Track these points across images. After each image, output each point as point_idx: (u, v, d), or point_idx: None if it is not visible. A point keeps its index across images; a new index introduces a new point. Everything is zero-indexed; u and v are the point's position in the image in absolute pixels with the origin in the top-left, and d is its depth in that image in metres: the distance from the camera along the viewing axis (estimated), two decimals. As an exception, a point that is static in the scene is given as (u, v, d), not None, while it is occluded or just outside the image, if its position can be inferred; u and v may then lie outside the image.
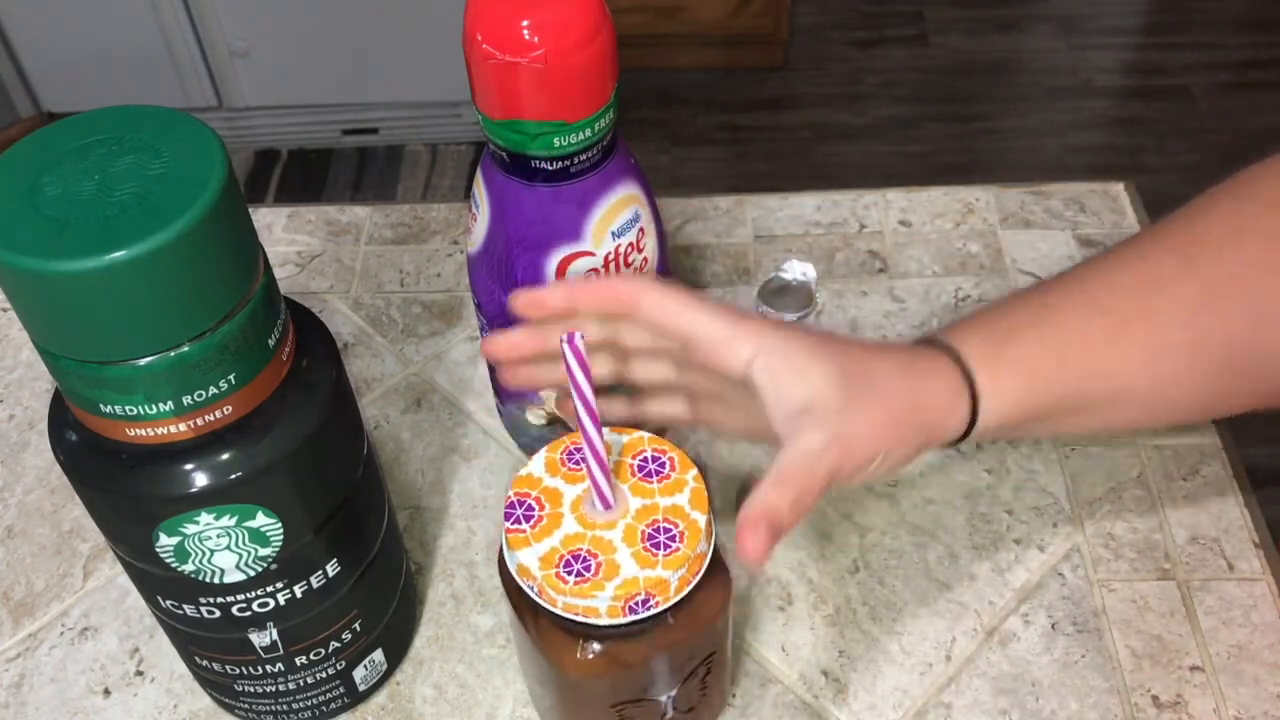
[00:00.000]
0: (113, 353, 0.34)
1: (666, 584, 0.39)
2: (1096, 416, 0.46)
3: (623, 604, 0.39)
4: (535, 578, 0.39)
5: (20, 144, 0.35)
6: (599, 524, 0.40)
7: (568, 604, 0.39)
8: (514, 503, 0.41)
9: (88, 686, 0.52)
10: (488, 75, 0.43)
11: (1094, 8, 2.27)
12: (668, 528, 0.40)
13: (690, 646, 0.42)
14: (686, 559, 0.39)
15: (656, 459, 0.42)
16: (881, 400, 0.42)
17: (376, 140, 2.00)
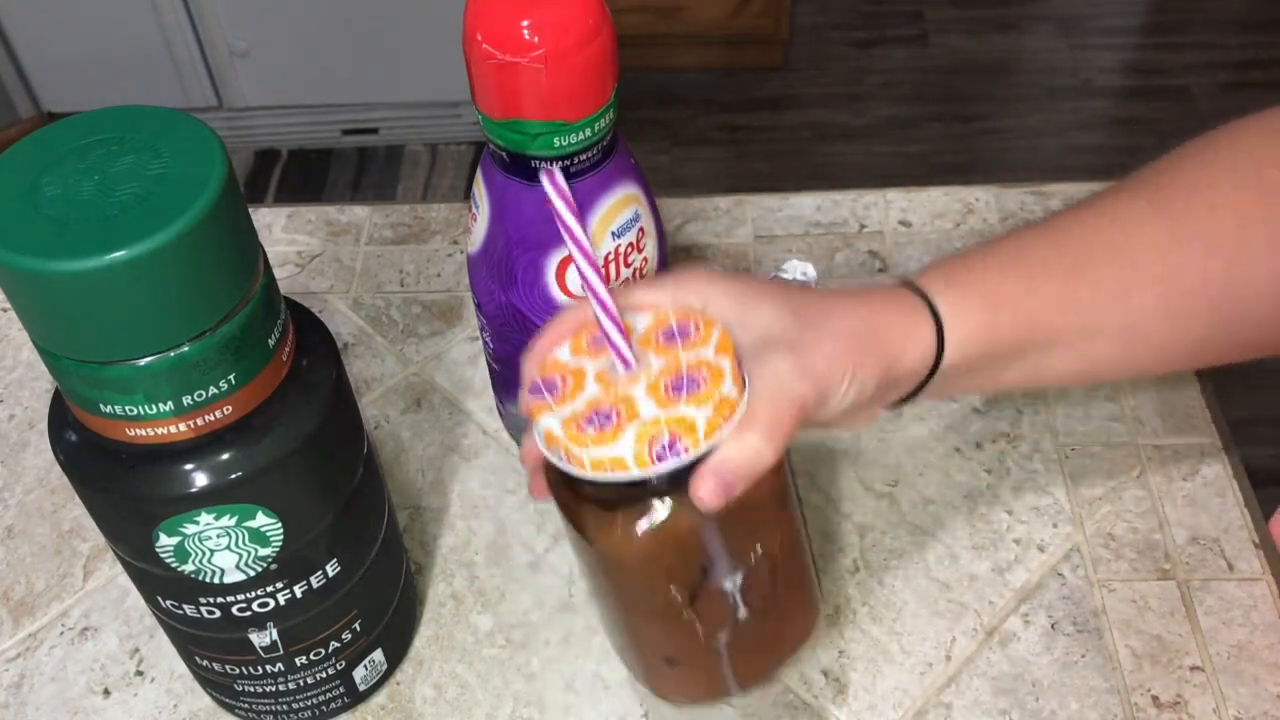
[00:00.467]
0: (113, 353, 0.34)
1: (692, 424, 0.36)
2: (1071, 355, 0.45)
3: (648, 449, 0.36)
4: (559, 440, 0.37)
5: (20, 144, 0.35)
6: (621, 384, 0.38)
7: (594, 460, 0.36)
8: (537, 384, 0.39)
9: (88, 686, 0.52)
10: (488, 75, 0.43)
11: (1094, 8, 2.27)
12: (691, 376, 0.38)
13: (742, 517, 0.39)
14: (711, 398, 0.37)
15: (681, 326, 0.40)
16: (838, 325, 0.41)
17: (376, 140, 2.00)
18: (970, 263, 0.44)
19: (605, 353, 0.39)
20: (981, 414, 0.60)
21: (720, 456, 0.37)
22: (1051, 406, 0.60)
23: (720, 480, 0.37)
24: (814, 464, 0.58)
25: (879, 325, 0.41)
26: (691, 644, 0.41)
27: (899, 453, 0.58)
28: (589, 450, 0.37)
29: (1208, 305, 0.44)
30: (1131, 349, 0.45)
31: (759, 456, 0.37)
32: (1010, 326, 0.43)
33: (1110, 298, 0.44)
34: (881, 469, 0.58)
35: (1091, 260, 0.44)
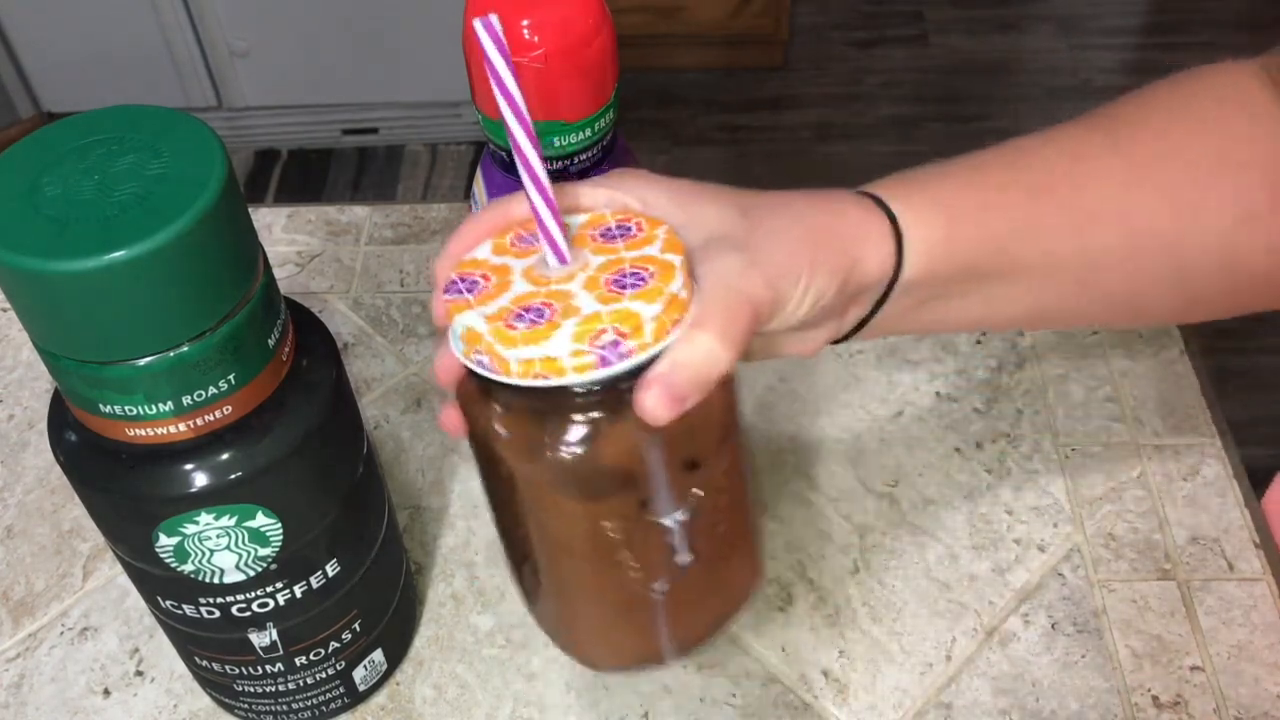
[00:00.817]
0: (113, 353, 0.34)
1: (638, 320, 0.31)
2: (1026, 291, 0.43)
3: (589, 346, 0.31)
4: (481, 337, 0.32)
5: (20, 144, 0.35)
6: (554, 279, 0.33)
7: (522, 360, 0.31)
8: (454, 281, 0.34)
9: (88, 686, 0.52)
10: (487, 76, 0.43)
11: (1094, 8, 2.27)
12: (636, 271, 0.33)
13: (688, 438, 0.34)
14: (660, 294, 0.32)
15: (622, 226, 0.35)
16: (791, 223, 0.37)
17: (376, 140, 2.00)
18: (927, 178, 0.42)
19: (533, 251, 0.35)
20: (982, 414, 0.60)
21: (670, 361, 0.32)
22: (1052, 406, 0.60)
23: (670, 389, 0.32)
24: (814, 464, 0.58)
25: (836, 224, 0.38)
26: (624, 593, 0.36)
27: (899, 453, 0.58)
28: (517, 350, 0.31)
29: (1160, 250, 0.43)
30: (1086, 291, 0.44)
31: (714, 360, 0.33)
32: (969, 244, 0.41)
33: (1067, 229, 0.42)
34: (881, 469, 0.58)
35: (1050, 189, 0.42)
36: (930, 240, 0.40)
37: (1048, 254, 0.42)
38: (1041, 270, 0.42)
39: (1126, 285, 0.44)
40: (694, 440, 0.34)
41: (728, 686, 0.50)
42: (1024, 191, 0.42)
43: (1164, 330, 0.63)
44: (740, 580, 0.39)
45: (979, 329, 0.44)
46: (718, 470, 0.35)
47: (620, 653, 0.39)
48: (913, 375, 0.62)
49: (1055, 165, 0.43)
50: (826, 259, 0.37)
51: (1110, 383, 0.61)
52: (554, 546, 0.35)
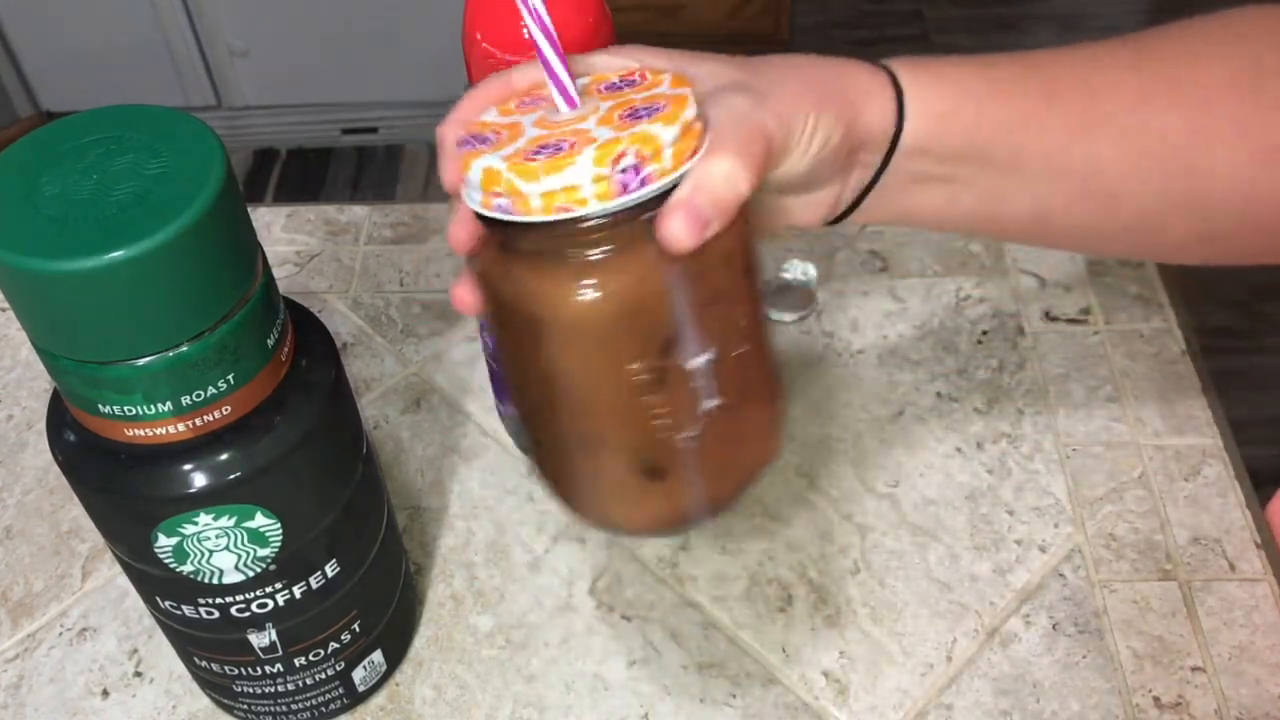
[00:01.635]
0: (112, 353, 0.34)
1: (658, 143, 0.31)
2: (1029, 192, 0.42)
3: (610, 170, 0.31)
4: (500, 175, 0.31)
5: (19, 144, 0.35)
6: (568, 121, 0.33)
7: (545, 193, 0.31)
8: (466, 138, 0.34)
9: (86, 687, 0.52)
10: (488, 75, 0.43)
11: (1094, 8, 2.27)
12: (648, 105, 0.33)
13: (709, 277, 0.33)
14: (676, 118, 0.32)
15: (626, 79, 0.36)
16: (792, 72, 0.38)
17: (376, 139, 2.00)
18: (937, 59, 0.42)
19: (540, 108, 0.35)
20: (982, 414, 0.60)
21: (692, 184, 0.32)
22: (1052, 406, 0.60)
23: (694, 212, 0.32)
24: (814, 464, 0.58)
25: (838, 77, 0.39)
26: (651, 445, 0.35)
27: (899, 453, 0.58)
28: (538, 183, 0.31)
29: (1173, 172, 0.42)
30: (1089, 203, 0.43)
31: (734, 182, 0.33)
32: (973, 122, 0.41)
33: (1074, 130, 0.42)
34: (882, 469, 0.58)
35: (1060, 88, 0.42)
36: (933, 110, 0.40)
37: (1053, 152, 0.42)
38: (1046, 169, 0.42)
39: (1136, 200, 0.43)
40: (716, 274, 0.34)
41: (728, 687, 0.50)
42: (1036, 87, 0.42)
43: (1164, 330, 0.63)
44: (764, 435, 0.38)
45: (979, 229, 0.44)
46: (739, 309, 0.35)
47: (646, 513, 0.37)
48: (913, 375, 0.62)
49: (1071, 69, 0.42)
50: (830, 104, 0.37)
51: (1111, 383, 0.61)
52: (579, 401, 0.34)
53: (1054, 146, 0.42)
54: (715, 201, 0.32)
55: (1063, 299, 0.65)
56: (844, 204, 0.41)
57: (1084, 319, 0.64)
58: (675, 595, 0.53)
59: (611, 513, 0.37)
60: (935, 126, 0.40)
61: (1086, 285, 0.66)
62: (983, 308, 0.65)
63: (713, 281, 0.34)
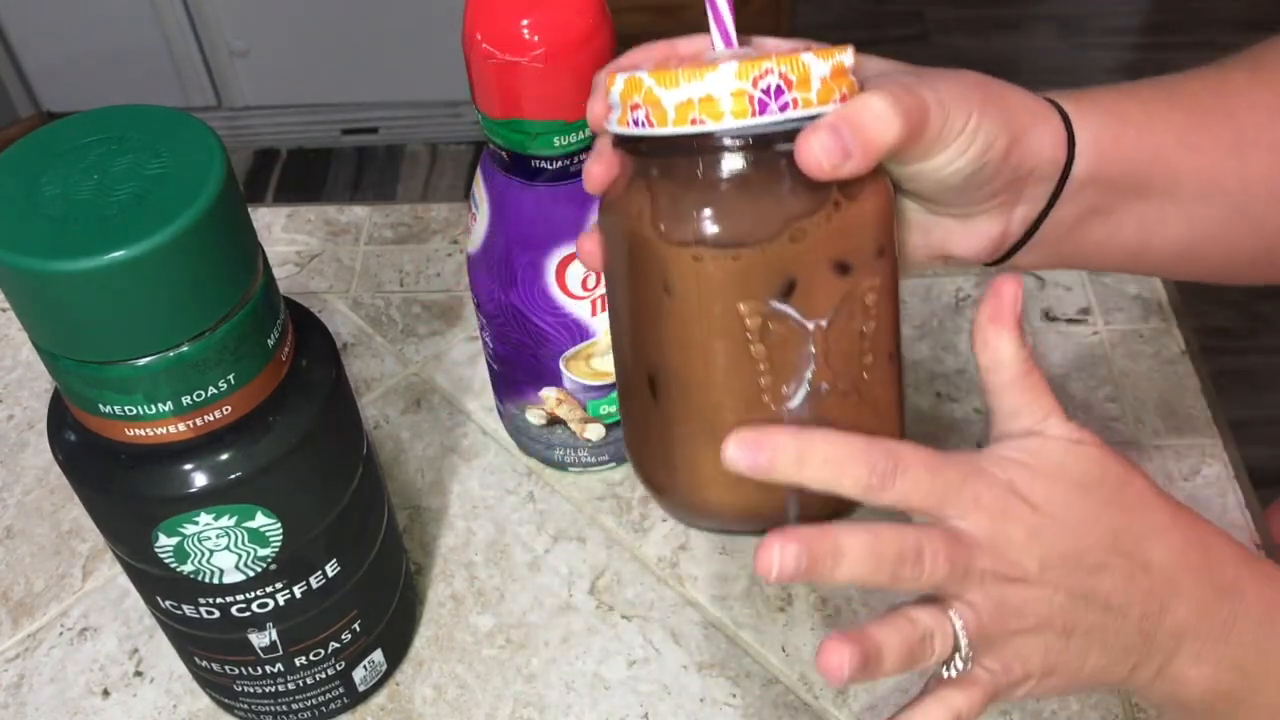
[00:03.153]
0: (112, 353, 0.34)
1: (806, 71, 0.30)
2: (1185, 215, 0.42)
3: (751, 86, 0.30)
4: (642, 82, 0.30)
5: (20, 144, 0.35)
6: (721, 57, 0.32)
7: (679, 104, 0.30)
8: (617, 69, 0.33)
9: (87, 687, 0.52)
10: (488, 75, 0.43)
11: (1094, 8, 2.27)
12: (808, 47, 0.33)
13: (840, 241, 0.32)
14: (832, 58, 0.31)
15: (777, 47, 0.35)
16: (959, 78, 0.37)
17: (376, 140, 2.00)
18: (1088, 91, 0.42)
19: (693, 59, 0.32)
20: (983, 414, 0.60)
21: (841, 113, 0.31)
22: (1052, 406, 0.60)
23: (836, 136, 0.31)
24: (814, 464, 0.58)
25: (1004, 90, 0.38)
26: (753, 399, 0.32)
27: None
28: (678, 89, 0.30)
29: None
30: (1240, 224, 0.43)
31: (885, 121, 0.32)
32: (1135, 148, 0.40)
33: (1224, 150, 0.42)
34: (882, 469, 0.58)
35: (1205, 114, 0.42)
36: (1099, 138, 0.39)
37: (1207, 171, 0.42)
38: (1201, 190, 0.42)
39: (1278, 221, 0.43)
40: (847, 237, 0.32)
41: (728, 687, 0.50)
42: (1181, 111, 0.41)
43: (1164, 330, 0.63)
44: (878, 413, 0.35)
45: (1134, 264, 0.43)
46: (867, 285, 0.33)
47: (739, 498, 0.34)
48: (913, 375, 0.62)
49: (1203, 94, 0.42)
50: (995, 111, 0.36)
51: (1110, 383, 0.61)
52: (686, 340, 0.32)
53: (1207, 166, 0.42)
54: (862, 134, 0.31)
55: (1063, 299, 0.65)
56: (1011, 238, 0.41)
57: (1084, 319, 0.64)
58: (675, 595, 0.53)
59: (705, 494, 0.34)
60: (1101, 156, 0.40)
61: (1086, 285, 0.66)
62: (982, 308, 0.65)
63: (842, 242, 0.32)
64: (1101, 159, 0.40)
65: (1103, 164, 0.40)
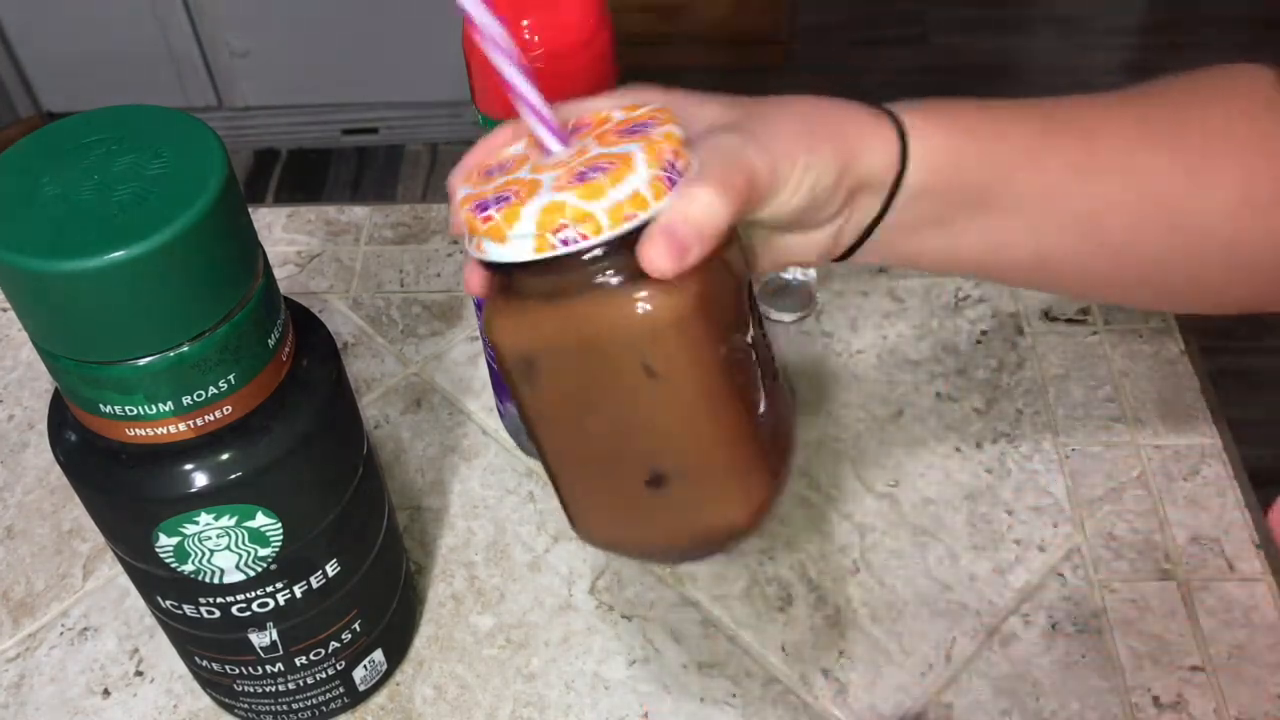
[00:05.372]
0: (113, 353, 0.34)
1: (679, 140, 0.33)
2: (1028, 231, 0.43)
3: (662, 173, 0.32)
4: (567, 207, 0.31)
5: (20, 144, 0.35)
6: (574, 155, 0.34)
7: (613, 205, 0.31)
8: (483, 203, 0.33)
9: (87, 687, 0.52)
10: (488, 75, 0.43)
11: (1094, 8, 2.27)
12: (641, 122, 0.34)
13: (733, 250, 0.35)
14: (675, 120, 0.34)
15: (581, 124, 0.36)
16: (789, 113, 0.39)
17: (376, 140, 2.00)
18: (938, 102, 0.43)
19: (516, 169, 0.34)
20: (982, 414, 0.60)
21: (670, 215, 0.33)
22: (1052, 406, 0.60)
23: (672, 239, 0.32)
24: (814, 464, 0.58)
25: (837, 118, 0.39)
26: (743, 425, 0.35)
27: (899, 453, 0.58)
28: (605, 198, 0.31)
29: (1166, 218, 0.43)
30: (1088, 245, 0.43)
31: (713, 212, 0.33)
32: (975, 161, 0.41)
33: (1072, 169, 0.42)
34: (881, 469, 0.58)
35: (1057, 128, 0.43)
36: (936, 150, 0.40)
37: (1053, 193, 0.42)
38: (1046, 209, 0.42)
39: (1132, 245, 0.43)
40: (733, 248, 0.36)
41: (728, 686, 0.50)
42: (1035, 126, 0.42)
43: (1164, 330, 0.63)
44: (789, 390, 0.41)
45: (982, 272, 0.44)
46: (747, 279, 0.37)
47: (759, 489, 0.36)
48: (913, 375, 0.62)
49: (1069, 111, 0.43)
50: (825, 145, 0.38)
51: (1110, 383, 0.61)
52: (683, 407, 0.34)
53: (1054, 185, 0.42)
54: (695, 229, 0.33)
55: (1062, 299, 0.65)
56: (844, 244, 0.42)
57: (1083, 319, 0.64)
58: (675, 594, 0.54)
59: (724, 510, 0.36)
60: (939, 168, 0.40)
61: (1086, 285, 0.66)
62: (982, 308, 0.65)
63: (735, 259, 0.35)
64: (937, 172, 0.40)
65: (938, 177, 0.40)
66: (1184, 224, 0.43)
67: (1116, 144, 0.43)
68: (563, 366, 0.34)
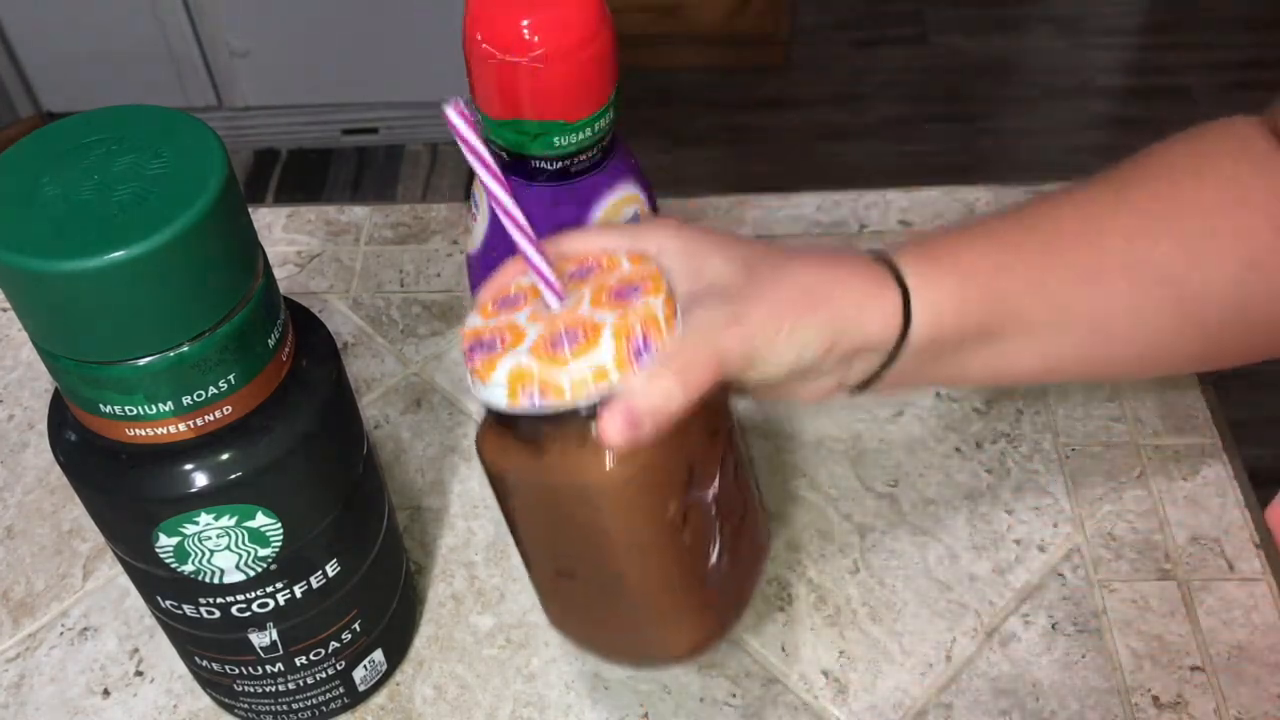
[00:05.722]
0: (113, 353, 0.34)
1: (657, 322, 0.35)
2: (1037, 348, 0.44)
3: (627, 349, 0.34)
4: (532, 372, 0.34)
5: (20, 144, 0.35)
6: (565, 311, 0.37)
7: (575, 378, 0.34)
8: (473, 347, 0.37)
9: (87, 687, 0.52)
10: (488, 75, 0.43)
11: (1094, 8, 2.27)
12: (633, 285, 0.36)
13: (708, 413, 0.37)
14: (663, 291, 0.36)
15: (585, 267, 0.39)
16: (787, 280, 0.39)
17: (376, 140, 2.00)
18: (940, 239, 0.43)
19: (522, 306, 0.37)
20: (982, 414, 0.60)
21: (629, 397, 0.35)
22: (1052, 406, 0.60)
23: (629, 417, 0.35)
24: (814, 464, 0.58)
25: (833, 285, 0.40)
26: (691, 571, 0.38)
27: (899, 453, 0.58)
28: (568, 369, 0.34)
29: (1172, 300, 0.44)
30: (1096, 345, 0.45)
31: (668, 399, 0.35)
32: (981, 304, 0.42)
33: (1078, 283, 0.43)
34: (881, 469, 0.58)
35: (1061, 245, 0.43)
36: (941, 303, 0.41)
37: (1059, 309, 0.43)
38: (1054, 324, 0.43)
39: (1140, 333, 0.45)
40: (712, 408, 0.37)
41: (728, 686, 0.50)
42: (1036, 249, 0.43)
43: (1164, 330, 0.63)
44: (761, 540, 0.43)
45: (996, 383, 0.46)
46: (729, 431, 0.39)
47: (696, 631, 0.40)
48: (913, 375, 0.62)
49: (1067, 222, 0.44)
50: (812, 319, 0.39)
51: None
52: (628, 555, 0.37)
53: (1059, 304, 0.43)
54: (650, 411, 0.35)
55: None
56: (849, 388, 0.43)
57: (1083, 319, 0.64)
58: (675, 595, 0.54)
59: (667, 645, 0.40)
60: (942, 321, 0.41)
61: (1086, 285, 0.66)
62: (982, 308, 0.65)
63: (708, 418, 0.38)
64: (941, 325, 0.41)
65: (942, 329, 0.41)
66: (1192, 301, 0.44)
67: (1118, 244, 0.43)
68: (528, 493, 0.38)
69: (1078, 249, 0.43)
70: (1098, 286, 0.43)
